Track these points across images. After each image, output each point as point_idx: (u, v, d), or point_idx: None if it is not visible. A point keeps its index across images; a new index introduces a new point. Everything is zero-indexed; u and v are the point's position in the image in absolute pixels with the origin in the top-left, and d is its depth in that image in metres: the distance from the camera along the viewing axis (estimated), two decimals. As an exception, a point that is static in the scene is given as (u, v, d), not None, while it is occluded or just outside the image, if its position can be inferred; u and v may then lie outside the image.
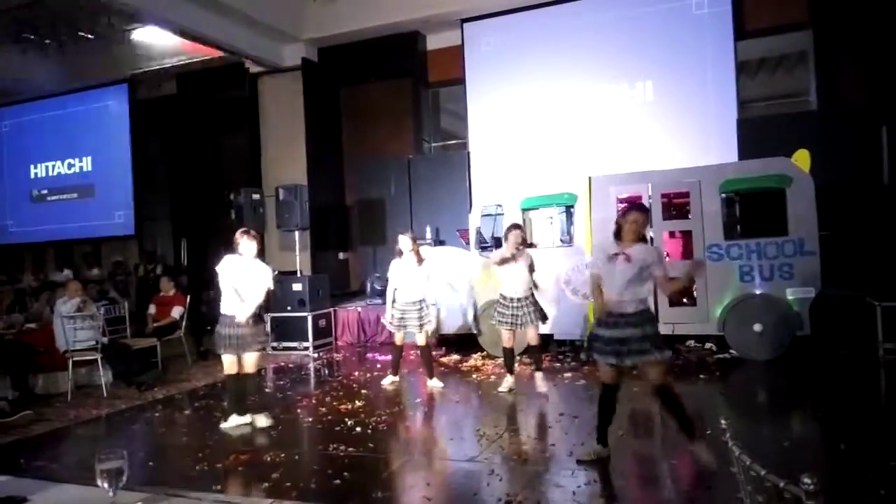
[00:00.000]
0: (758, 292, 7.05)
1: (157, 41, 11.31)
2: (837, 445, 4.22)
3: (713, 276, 7.15)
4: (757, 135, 9.15)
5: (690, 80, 9.91)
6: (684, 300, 7.37)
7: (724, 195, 7.35)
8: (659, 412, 5.22)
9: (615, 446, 4.54)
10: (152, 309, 8.48)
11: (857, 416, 4.97)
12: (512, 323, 6.06)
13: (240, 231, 5.51)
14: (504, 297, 6.13)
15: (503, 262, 6.04)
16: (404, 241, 6.54)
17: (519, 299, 6.05)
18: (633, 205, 4.43)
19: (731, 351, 7.15)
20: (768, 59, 10.98)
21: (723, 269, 7.14)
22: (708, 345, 7.62)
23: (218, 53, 11.43)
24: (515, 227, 6.22)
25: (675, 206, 7.78)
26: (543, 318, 6.25)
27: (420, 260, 6.51)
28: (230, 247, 5.48)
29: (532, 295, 6.17)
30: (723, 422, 1.99)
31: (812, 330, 6.85)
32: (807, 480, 1.37)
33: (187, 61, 12.45)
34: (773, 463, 1.54)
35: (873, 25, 9.15)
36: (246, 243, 5.38)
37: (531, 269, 6.15)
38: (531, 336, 6.21)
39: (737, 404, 5.74)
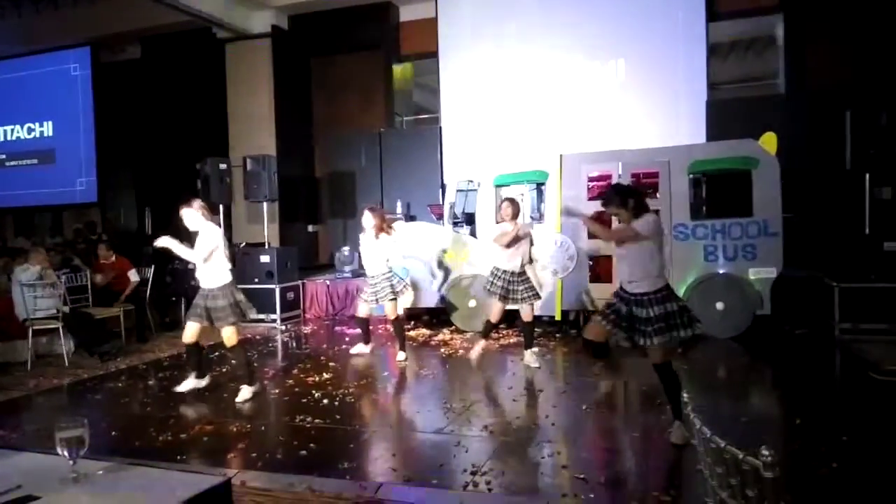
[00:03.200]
0: (721, 272, 7.18)
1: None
2: (793, 420, 4.36)
3: (679, 255, 7.28)
4: (726, 116, 9.26)
5: (662, 59, 9.95)
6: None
7: (691, 176, 7.44)
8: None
9: (580, 419, 4.63)
10: (98, 278, 8.22)
11: (812, 393, 5.13)
12: (504, 296, 6.00)
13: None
14: (498, 269, 6.07)
15: (512, 242, 5.97)
16: (366, 219, 6.51)
17: (513, 273, 6.02)
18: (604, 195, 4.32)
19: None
20: (739, 41, 11.08)
21: (688, 248, 7.25)
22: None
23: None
24: (509, 200, 6.20)
25: (645, 185, 7.85)
26: (537, 296, 6.23)
27: (377, 234, 6.46)
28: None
29: (525, 272, 6.16)
30: (685, 396, 2.03)
31: (772, 309, 7.02)
32: (765, 453, 1.41)
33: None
34: (731, 436, 1.58)
35: (842, 12, 9.29)
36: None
37: (531, 242, 6.15)
38: (526, 313, 6.17)
39: (698, 380, 5.87)
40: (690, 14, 9.77)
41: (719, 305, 7.07)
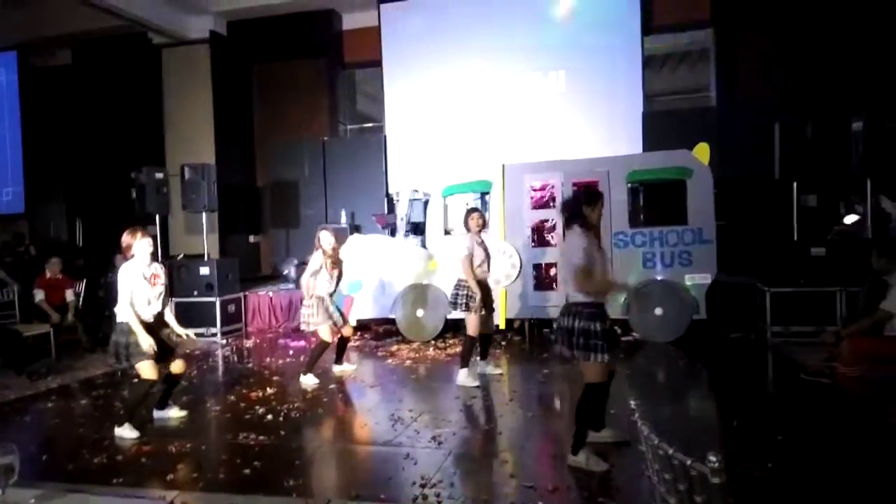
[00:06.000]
0: (659, 278, 7.39)
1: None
2: (730, 422, 4.50)
3: (619, 263, 7.44)
4: (661, 127, 9.56)
5: (601, 71, 10.23)
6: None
7: (630, 185, 7.64)
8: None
9: (526, 427, 4.67)
10: (41, 295, 7.89)
11: (747, 395, 5.32)
12: (485, 306, 5.87)
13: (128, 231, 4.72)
14: (464, 282, 5.84)
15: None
16: (326, 239, 6.13)
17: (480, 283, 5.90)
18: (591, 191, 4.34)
19: (634, 334, 7.47)
20: (673, 54, 11.46)
21: (628, 255, 7.43)
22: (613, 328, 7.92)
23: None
24: (477, 211, 6.02)
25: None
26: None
27: (335, 264, 6.18)
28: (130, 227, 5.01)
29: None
30: (632, 403, 2.07)
31: (707, 314, 7.25)
32: (712, 458, 1.45)
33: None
34: (671, 439, 1.62)
35: (770, 27, 9.75)
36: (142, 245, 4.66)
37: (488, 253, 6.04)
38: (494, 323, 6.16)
39: (638, 384, 6.00)
40: (627, 28, 10.07)
41: (658, 311, 7.26)
